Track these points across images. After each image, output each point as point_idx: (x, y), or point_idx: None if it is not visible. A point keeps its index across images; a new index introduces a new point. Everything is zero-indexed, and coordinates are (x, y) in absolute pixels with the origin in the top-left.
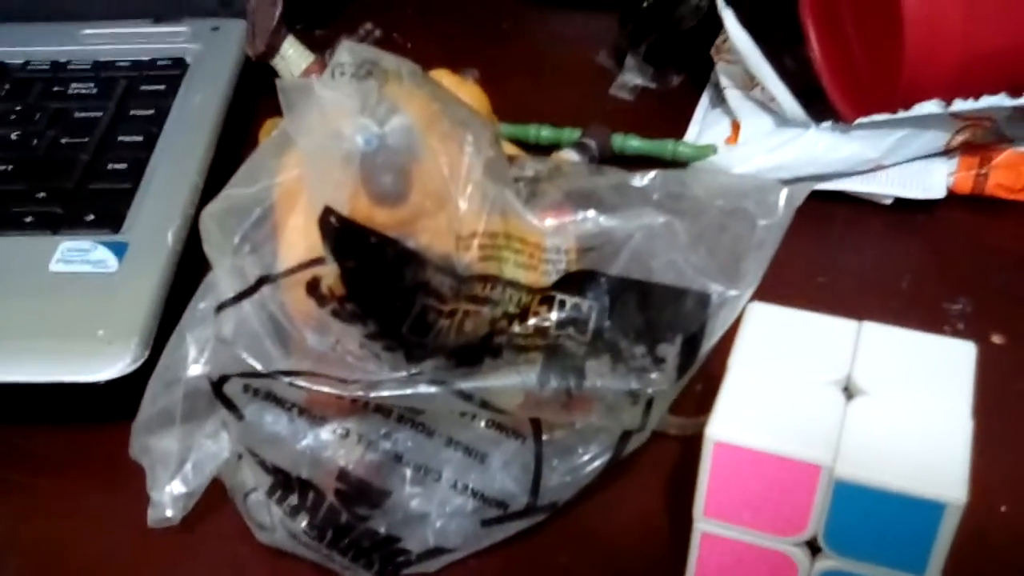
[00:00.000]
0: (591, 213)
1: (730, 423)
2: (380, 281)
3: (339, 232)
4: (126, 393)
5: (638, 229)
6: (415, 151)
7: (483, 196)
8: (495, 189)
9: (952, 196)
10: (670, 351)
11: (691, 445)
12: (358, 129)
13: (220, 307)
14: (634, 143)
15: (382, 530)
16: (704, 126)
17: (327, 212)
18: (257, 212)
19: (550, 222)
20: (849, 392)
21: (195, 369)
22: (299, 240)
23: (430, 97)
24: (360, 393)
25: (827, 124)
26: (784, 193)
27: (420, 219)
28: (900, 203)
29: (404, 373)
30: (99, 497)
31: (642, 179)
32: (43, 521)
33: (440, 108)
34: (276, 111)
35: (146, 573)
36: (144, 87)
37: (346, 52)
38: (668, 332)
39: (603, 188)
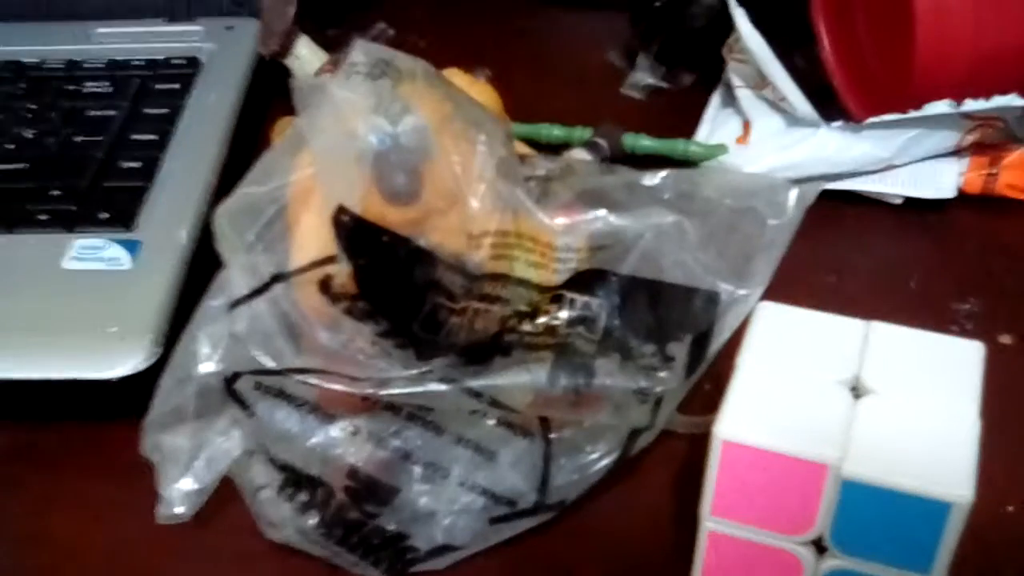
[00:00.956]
0: (602, 212)
1: (738, 422)
2: (392, 279)
3: (352, 230)
4: (139, 390)
5: (648, 228)
6: (428, 150)
7: (495, 195)
8: (507, 188)
9: (962, 196)
10: (679, 350)
11: (699, 444)
12: (371, 128)
13: (233, 304)
14: (645, 142)
15: (391, 527)
16: (715, 125)
17: (340, 210)
18: (271, 210)
19: (561, 221)
20: (857, 391)
21: (207, 366)
22: (312, 238)
23: (443, 97)
24: (371, 391)
25: (838, 124)
26: (794, 192)
27: (432, 218)
28: (910, 203)
29: (415, 371)
30: (111, 494)
31: (653, 178)
32: (54, 517)
33: (453, 108)
34: (289, 111)
35: (156, 570)
36: (158, 86)
37: (360, 52)
38: (677, 331)
39: (614, 187)
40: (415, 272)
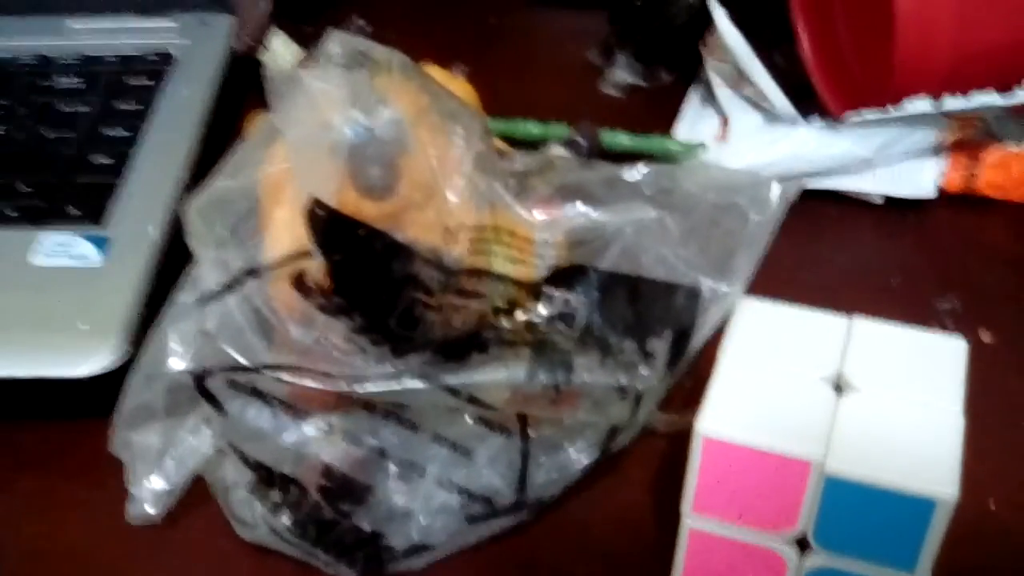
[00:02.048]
0: (581, 207)
1: (720, 418)
2: (367, 274)
3: (326, 224)
4: (108, 388)
5: (629, 223)
6: (404, 143)
7: (473, 189)
8: (485, 182)
9: (942, 195)
10: (660, 346)
11: (679, 442)
12: (346, 121)
13: (204, 300)
14: (623, 140)
15: (366, 527)
16: (693, 123)
17: (314, 204)
18: (243, 204)
19: (540, 216)
20: (840, 388)
21: (177, 363)
22: (285, 233)
23: (420, 89)
24: (345, 388)
25: (817, 122)
26: (776, 188)
27: (408, 212)
28: (890, 202)
29: (390, 368)
30: (80, 493)
31: (633, 173)
32: (23, 517)
33: (430, 100)
34: (263, 107)
35: (126, 570)
36: (130, 81)
37: (336, 42)
38: (658, 327)
39: (593, 182)
40: (391, 267)
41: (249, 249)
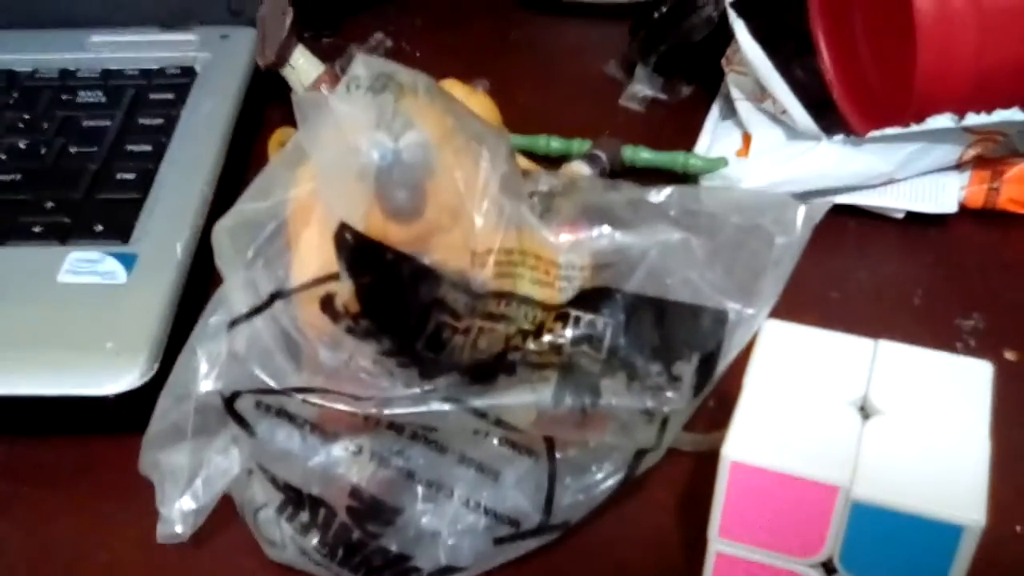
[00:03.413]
0: (606, 229)
1: (746, 442)
2: (395, 297)
3: (354, 248)
4: (135, 406)
5: (654, 246)
6: (430, 166)
7: (499, 212)
8: (511, 204)
9: (964, 210)
10: (686, 369)
11: (705, 462)
12: (373, 144)
13: (233, 322)
14: (644, 155)
15: (393, 548)
16: (715, 138)
17: (343, 228)
18: (270, 226)
19: (565, 238)
20: (866, 412)
21: (206, 384)
22: (313, 255)
23: (445, 111)
24: (373, 410)
25: (839, 137)
26: (802, 210)
27: (435, 235)
28: (912, 217)
29: (418, 390)
30: (108, 511)
31: (658, 195)
32: (51, 535)
33: (455, 123)
34: (285, 121)
35: None
36: (153, 96)
37: (361, 65)
38: (684, 350)
39: (618, 204)
40: (419, 290)
41: (277, 271)
